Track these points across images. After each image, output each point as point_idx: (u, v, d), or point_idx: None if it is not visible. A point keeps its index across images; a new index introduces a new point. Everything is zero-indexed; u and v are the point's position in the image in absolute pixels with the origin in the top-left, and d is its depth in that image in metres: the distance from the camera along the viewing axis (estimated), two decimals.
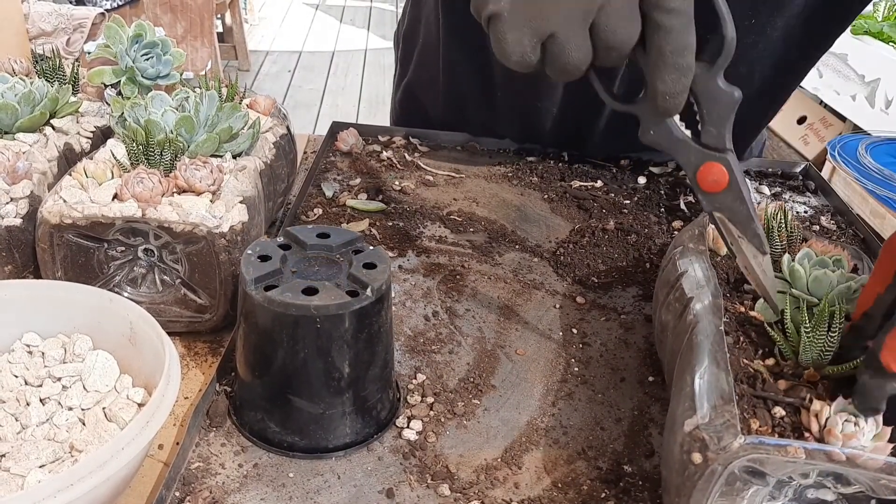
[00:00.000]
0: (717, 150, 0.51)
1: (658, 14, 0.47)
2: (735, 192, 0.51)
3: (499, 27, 0.49)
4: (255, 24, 5.38)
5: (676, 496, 0.46)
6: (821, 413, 0.44)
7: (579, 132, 0.98)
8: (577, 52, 0.49)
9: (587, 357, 0.68)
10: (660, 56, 0.48)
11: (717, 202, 0.52)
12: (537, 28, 0.48)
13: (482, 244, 0.83)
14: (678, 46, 0.47)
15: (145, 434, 0.46)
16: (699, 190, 0.53)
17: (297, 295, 0.52)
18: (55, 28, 2.65)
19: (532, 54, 0.49)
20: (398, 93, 1.13)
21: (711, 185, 0.52)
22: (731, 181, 0.51)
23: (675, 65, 0.48)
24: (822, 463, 0.41)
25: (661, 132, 0.52)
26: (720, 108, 0.50)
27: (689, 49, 0.48)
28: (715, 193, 0.52)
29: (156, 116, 0.67)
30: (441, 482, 0.54)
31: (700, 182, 0.52)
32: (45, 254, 0.62)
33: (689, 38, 0.48)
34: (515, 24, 0.48)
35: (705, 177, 0.52)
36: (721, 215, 0.53)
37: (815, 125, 2.94)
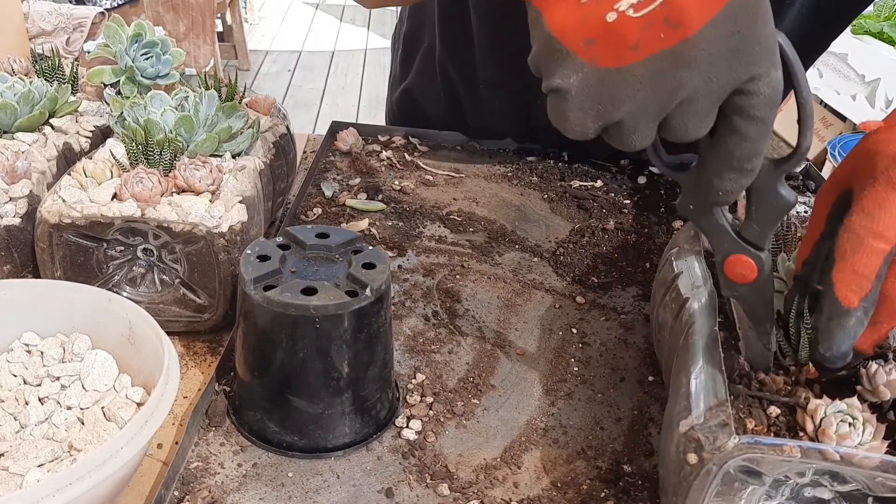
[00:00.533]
0: (755, 247, 0.49)
1: (739, 120, 0.43)
2: (759, 290, 0.50)
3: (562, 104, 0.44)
4: (254, 23, 5.38)
5: (673, 496, 0.46)
6: (815, 413, 0.44)
7: None
8: (641, 141, 0.45)
9: (587, 357, 0.68)
10: (728, 158, 0.45)
11: (739, 292, 0.51)
12: (604, 113, 0.43)
13: (482, 244, 0.83)
14: (750, 154, 0.44)
15: (144, 433, 0.46)
16: (723, 276, 0.51)
17: (297, 295, 0.52)
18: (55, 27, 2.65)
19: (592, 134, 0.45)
20: (396, 94, 1.13)
21: (737, 277, 0.50)
22: (759, 279, 0.50)
23: (740, 169, 0.45)
24: (818, 462, 0.41)
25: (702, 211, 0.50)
26: (772, 210, 0.48)
27: (759, 156, 0.45)
28: (737, 283, 0.50)
29: (155, 116, 0.67)
30: (440, 482, 0.54)
31: (726, 269, 0.50)
32: (44, 253, 0.62)
33: (762, 146, 0.44)
34: (582, 105, 0.43)
35: (733, 266, 0.50)
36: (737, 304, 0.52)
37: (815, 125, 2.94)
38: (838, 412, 0.44)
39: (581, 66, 0.42)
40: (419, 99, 1.08)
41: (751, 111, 0.42)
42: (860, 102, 2.68)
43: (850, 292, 0.42)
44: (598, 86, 0.42)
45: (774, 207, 0.47)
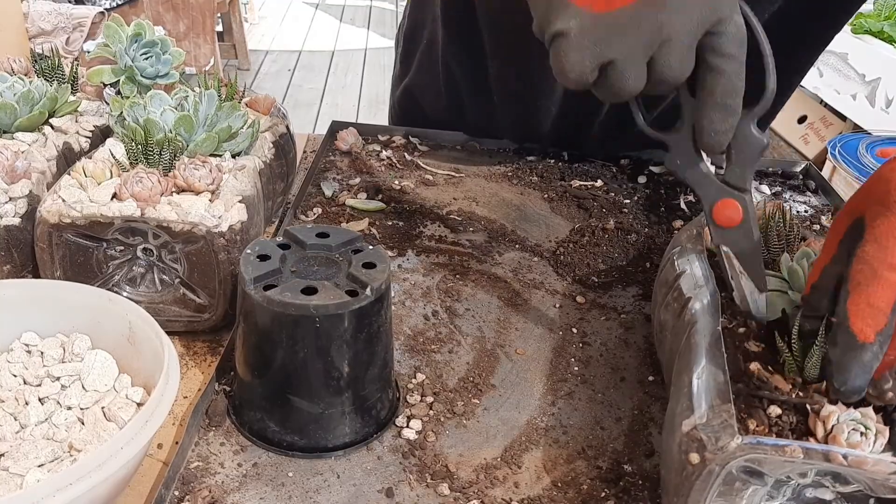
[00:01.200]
0: (738, 189, 0.54)
1: (713, 57, 0.49)
2: (746, 229, 0.54)
3: (563, 45, 0.50)
4: (254, 23, 5.38)
5: (675, 496, 0.46)
6: (828, 419, 0.44)
7: (579, 132, 0.98)
8: (634, 81, 0.51)
9: (587, 356, 0.68)
10: (710, 96, 0.50)
11: (728, 237, 0.55)
12: (600, 53, 0.50)
13: (482, 244, 0.83)
14: (729, 89, 0.50)
15: (144, 433, 0.46)
16: (712, 223, 0.55)
17: (297, 294, 0.52)
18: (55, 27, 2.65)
19: (590, 76, 0.51)
20: (397, 92, 1.13)
21: (725, 220, 0.54)
22: (745, 219, 0.54)
23: (724, 105, 0.50)
24: (820, 462, 0.41)
25: (688, 163, 0.55)
26: (749, 151, 0.53)
27: (738, 92, 0.50)
28: (727, 228, 0.54)
29: (155, 116, 0.67)
30: (441, 481, 0.54)
31: (715, 216, 0.55)
32: (43, 253, 0.62)
33: (739, 82, 0.50)
34: (580, 45, 0.50)
35: (721, 211, 0.54)
36: (728, 250, 0.55)
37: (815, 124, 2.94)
38: (852, 420, 0.44)
39: (578, 12, 0.49)
40: (419, 96, 1.08)
41: (722, 49, 0.49)
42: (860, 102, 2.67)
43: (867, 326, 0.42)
44: (592, 28, 0.49)
45: (752, 148, 0.53)
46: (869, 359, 0.42)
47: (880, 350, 0.42)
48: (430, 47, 1.02)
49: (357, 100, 4.24)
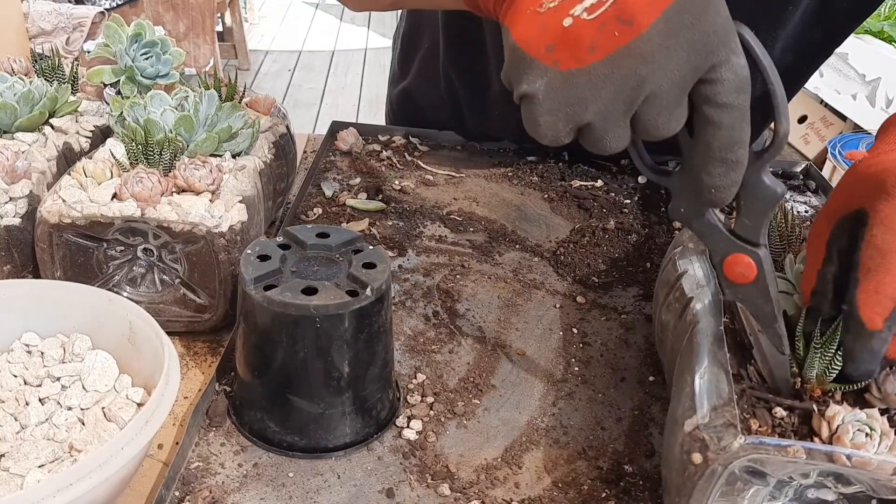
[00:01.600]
0: (750, 244, 0.48)
1: (709, 108, 0.44)
2: (761, 288, 0.48)
3: (531, 109, 0.46)
4: (254, 23, 5.38)
5: (677, 496, 0.46)
6: (833, 419, 0.44)
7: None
8: (615, 142, 0.46)
9: (587, 357, 0.68)
10: (708, 150, 0.45)
11: (742, 294, 0.50)
12: (573, 115, 0.45)
13: (482, 244, 0.83)
14: (729, 143, 0.44)
15: (145, 434, 0.46)
16: (723, 277, 0.50)
17: (297, 295, 0.52)
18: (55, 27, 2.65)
19: (565, 138, 0.47)
20: (395, 94, 1.12)
21: (737, 277, 0.49)
22: (759, 277, 0.48)
23: (723, 160, 0.44)
24: (823, 463, 0.41)
25: (694, 214, 0.49)
26: (760, 203, 0.47)
27: (739, 145, 0.44)
28: (739, 284, 0.49)
29: (155, 116, 0.67)
30: (441, 482, 0.54)
31: (726, 270, 0.49)
32: (44, 253, 0.62)
33: (741, 134, 0.44)
34: (550, 109, 0.45)
35: (732, 267, 0.49)
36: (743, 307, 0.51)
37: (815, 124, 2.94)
38: (857, 420, 0.43)
39: (545, 71, 0.44)
40: (419, 101, 1.08)
41: (718, 98, 0.43)
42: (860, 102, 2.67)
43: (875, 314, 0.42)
44: (563, 88, 0.44)
45: (763, 199, 0.47)
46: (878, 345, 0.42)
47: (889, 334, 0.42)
48: (431, 52, 1.02)
49: (357, 100, 4.24)
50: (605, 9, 0.42)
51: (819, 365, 0.47)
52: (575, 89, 0.43)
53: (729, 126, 0.43)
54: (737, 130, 0.44)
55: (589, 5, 0.42)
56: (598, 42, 0.42)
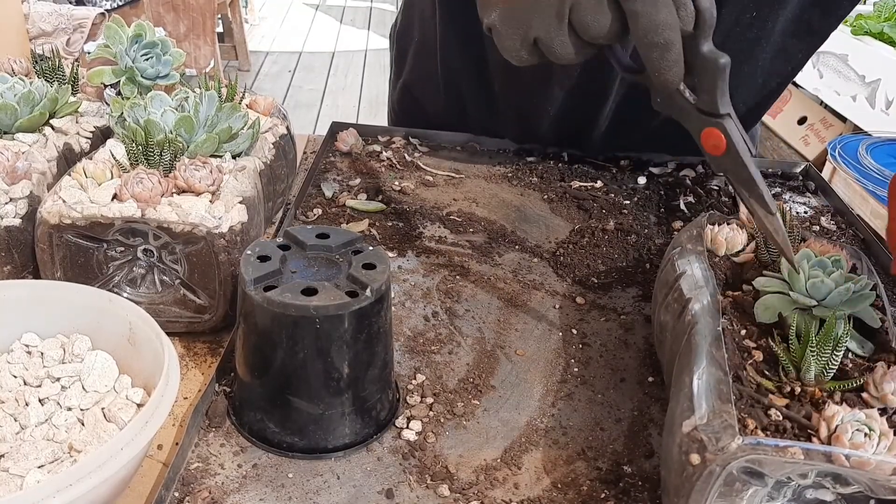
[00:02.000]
0: (713, 115, 0.53)
1: (624, 2, 0.51)
2: (733, 155, 0.53)
3: (495, 37, 0.57)
4: (255, 24, 5.38)
5: (675, 497, 0.46)
6: (832, 419, 0.44)
7: (579, 131, 0.98)
8: (562, 48, 0.55)
9: (587, 357, 0.68)
10: (637, 38, 0.52)
11: (721, 165, 0.54)
12: (523, 35, 0.55)
13: (482, 244, 0.83)
14: (650, 26, 0.51)
15: (144, 434, 0.46)
16: (704, 153, 0.55)
17: (297, 295, 0.52)
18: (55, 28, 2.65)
19: (527, 55, 0.56)
20: (395, 93, 1.13)
21: (713, 149, 0.54)
22: (729, 145, 0.53)
23: (652, 43, 0.51)
24: (821, 463, 0.41)
25: (666, 100, 0.55)
26: (708, 74, 0.52)
27: (662, 26, 0.51)
28: (717, 156, 0.54)
29: (155, 116, 0.67)
30: (440, 482, 0.54)
31: (704, 146, 0.54)
32: (44, 254, 0.62)
33: (657, 16, 0.50)
34: (506, 33, 0.56)
35: (706, 141, 0.54)
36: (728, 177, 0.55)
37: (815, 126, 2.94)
38: (856, 420, 0.43)
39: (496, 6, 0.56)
40: (419, 96, 1.08)
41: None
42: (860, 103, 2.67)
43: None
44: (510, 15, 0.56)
45: (710, 71, 0.52)
46: None
47: None
48: (423, 45, 1.03)
49: (357, 101, 4.24)
50: None
51: (816, 365, 0.47)
52: (517, 14, 0.55)
53: (644, 13, 0.51)
54: (653, 15, 0.51)
55: None
56: None
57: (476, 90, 1.00)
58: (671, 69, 0.52)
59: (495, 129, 1.04)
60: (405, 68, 1.09)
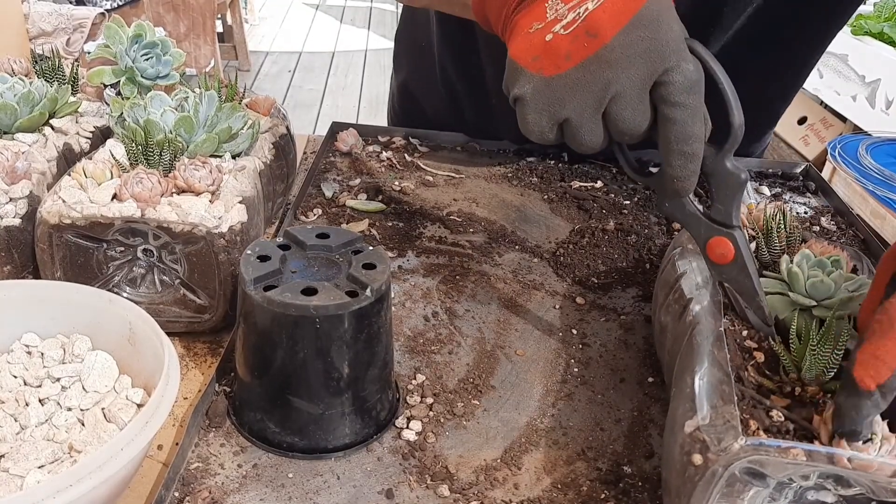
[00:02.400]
0: (725, 226, 0.54)
1: (664, 107, 0.51)
2: (740, 266, 0.54)
3: (521, 109, 0.54)
4: (255, 24, 5.38)
5: (677, 497, 0.46)
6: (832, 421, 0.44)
7: None
8: (590, 136, 0.54)
9: (587, 358, 0.68)
10: (667, 144, 0.52)
11: (724, 273, 0.55)
12: (554, 113, 0.53)
13: (482, 245, 0.83)
14: (683, 136, 0.51)
15: (144, 434, 0.46)
16: (708, 260, 0.56)
17: (297, 295, 0.52)
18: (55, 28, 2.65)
19: (550, 134, 0.55)
20: (394, 92, 1.13)
21: (719, 258, 0.55)
22: (737, 255, 0.54)
23: (680, 152, 0.52)
24: (823, 465, 0.41)
25: (675, 206, 0.56)
26: (727, 188, 0.53)
27: (693, 138, 0.51)
28: (722, 265, 0.55)
29: (155, 116, 0.67)
30: (440, 483, 0.54)
31: (709, 254, 0.55)
32: (44, 254, 0.62)
33: (693, 128, 0.51)
34: (535, 108, 0.54)
35: (713, 249, 0.55)
36: (729, 286, 0.55)
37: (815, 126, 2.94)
38: None
39: (531, 78, 0.53)
40: (419, 97, 1.08)
41: (671, 98, 0.51)
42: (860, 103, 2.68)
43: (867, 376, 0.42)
44: (545, 90, 0.53)
45: (730, 185, 0.53)
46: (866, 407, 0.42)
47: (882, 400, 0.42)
48: (424, 48, 1.03)
49: (357, 101, 4.24)
50: (577, 25, 0.51)
51: (816, 365, 0.47)
52: (555, 91, 0.52)
53: (682, 121, 0.51)
54: (689, 125, 0.51)
55: (566, 23, 0.51)
56: (572, 52, 0.51)
57: (472, 94, 1.00)
58: (689, 178, 0.53)
59: (493, 131, 1.04)
60: (404, 68, 1.09)
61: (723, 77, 0.51)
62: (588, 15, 0.50)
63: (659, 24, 0.50)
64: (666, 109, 0.51)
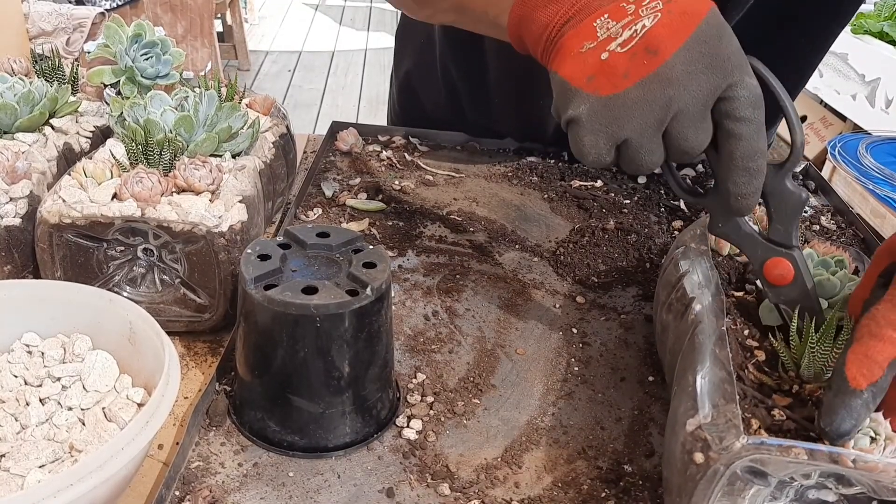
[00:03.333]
0: (784, 247, 0.53)
1: (729, 122, 0.50)
2: (800, 286, 0.53)
3: (576, 131, 0.52)
4: (255, 23, 5.38)
5: (678, 496, 0.46)
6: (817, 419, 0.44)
7: None
8: (650, 156, 0.51)
9: (587, 357, 0.68)
10: (731, 160, 0.51)
11: (783, 295, 0.54)
12: (613, 134, 0.51)
13: (482, 244, 0.83)
14: (749, 152, 0.50)
15: (145, 434, 0.46)
16: (765, 282, 0.54)
17: (297, 294, 0.52)
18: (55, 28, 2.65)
19: (607, 157, 0.52)
20: (395, 92, 1.13)
21: (777, 279, 0.54)
22: (797, 276, 0.53)
23: (745, 168, 0.50)
24: (824, 464, 0.41)
25: (730, 227, 0.55)
26: (788, 207, 0.53)
27: (759, 154, 0.50)
28: (781, 286, 0.54)
29: (155, 116, 0.67)
30: (441, 481, 0.54)
31: (767, 275, 0.54)
32: (44, 254, 0.62)
33: (759, 143, 0.50)
34: (592, 129, 0.51)
35: (771, 270, 0.54)
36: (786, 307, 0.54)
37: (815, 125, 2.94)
38: None
39: (587, 98, 0.51)
40: (419, 95, 1.08)
41: (736, 113, 0.49)
42: (860, 102, 2.68)
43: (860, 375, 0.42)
44: (602, 110, 0.50)
45: (790, 205, 0.52)
46: (858, 406, 0.42)
47: (872, 400, 0.42)
48: (425, 45, 1.03)
49: (357, 100, 4.24)
50: (635, 42, 0.49)
51: (816, 363, 0.47)
52: (613, 111, 0.50)
53: (748, 137, 0.49)
54: (755, 141, 0.50)
55: (622, 41, 0.50)
56: (631, 70, 0.49)
57: (473, 91, 1.00)
58: (752, 196, 0.52)
59: (494, 130, 1.03)
60: (405, 66, 1.09)
61: (783, 94, 0.50)
62: (646, 32, 0.49)
63: (720, 39, 0.49)
64: (731, 125, 0.50)
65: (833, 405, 0.43)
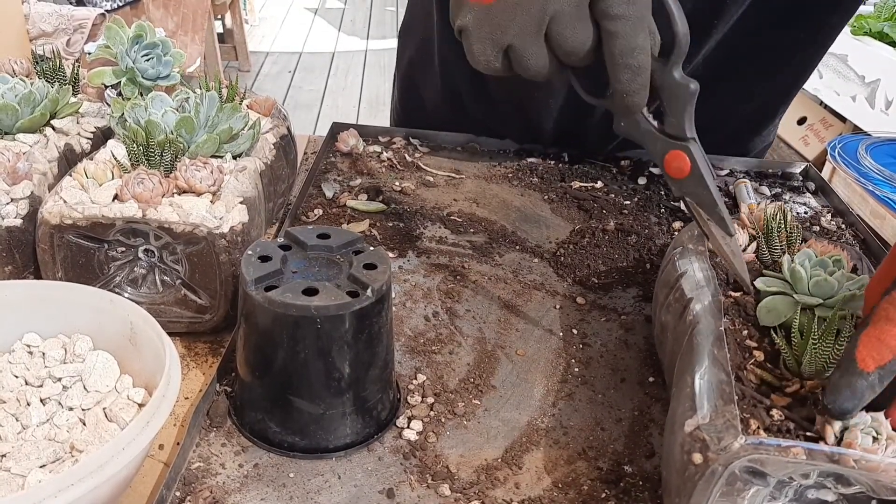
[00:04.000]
0: (679, 139, 0.55)
1: (604, 21, 0.52)
2: (697, 177, 0.55)
3: (466, 40, 0.55)
4: (255, 24, 5.38)
5: (677, 497, 0.46)
6: (835, 422, 0.44)
7: (578, 128, 0.98)
8: (535, 59, 0.54)
9: (587, 357, 0.68)
10: (611, 58, 0.53)
11: (684, 188, 0.56)
12: (497, 40, 0.54)
13: (482, 245, 0.83)
14: (626, 49, 0.52)
15: (146, 434, 0.46)
16: (667, 176, 0.56)
17: (298, 295, 0.52)
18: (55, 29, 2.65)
19: (496, 62, 0.55)
20: (397, 92, 1.13)
21: (676, 172, 0.56)
22: (693, 168, 0.55)
23: (626, 66, 0.52)
24: (823, 464, 0.41)
25: (630, 124, 0.56)
26: (678, 100, 0.54)
27: (638, 50, 0.52)
28: (680, 179, 0.56)
29: (156, 117, 0.67)
30: (441, 482, 0.54)
31: (667, 169, 0.56)
32: (45, 254, 0.62)
33: (636, 40, 0.51)
34: (479, 37, 0.54)
35: (670, 164, 0.56)
36: (690, 200, 0.56)
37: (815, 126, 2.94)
38: (863, 424, 0.43)
39: (473, 7, 0.54)
40: (421, 94, 1.08)
41: (610, 11, 0.51)
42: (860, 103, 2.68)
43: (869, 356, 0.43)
44: (486, 18, 0.54)
45: (681, 97, 0.53)
46: (862, 387, 0.42)
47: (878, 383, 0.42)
48: (425, 43, 1.03)
49: (357, 101, 4.24)
50: None
51: (818, 360, 0.48)
52: (494, 17, 0.53)
53: (623, 34, 0.51)
54: (631, 38, 0.51)
55: None
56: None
57: (473, 87, 1.00)
58: (639, 92, 0.53)
59: (494, 128, 1.04)
60: (406, 65, 1.09)
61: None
62: None
63: None
64: (607, 24, 0.51)
65: (838, 384, 0.43)
